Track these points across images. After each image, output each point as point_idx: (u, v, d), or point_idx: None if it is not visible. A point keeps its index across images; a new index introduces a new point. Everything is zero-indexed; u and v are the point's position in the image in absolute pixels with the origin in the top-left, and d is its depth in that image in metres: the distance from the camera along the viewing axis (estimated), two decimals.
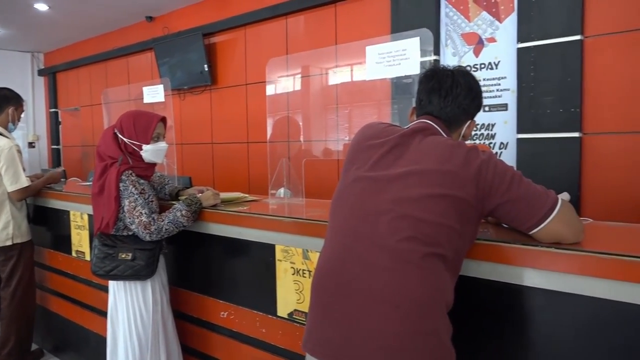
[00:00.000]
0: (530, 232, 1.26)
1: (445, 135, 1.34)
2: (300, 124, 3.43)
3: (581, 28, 2.71)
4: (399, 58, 1.71)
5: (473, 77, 1.40)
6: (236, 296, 2.06)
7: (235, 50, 4.71)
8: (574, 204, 2.88)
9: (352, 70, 3.19)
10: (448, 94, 1.34)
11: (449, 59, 3.28)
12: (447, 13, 3.27)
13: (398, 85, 2.63)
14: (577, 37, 2.72)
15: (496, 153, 3.10)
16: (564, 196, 1.44)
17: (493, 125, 3.12)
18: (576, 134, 2.75)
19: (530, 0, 2.87)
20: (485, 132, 3.15)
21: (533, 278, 1.28)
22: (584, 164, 2.76)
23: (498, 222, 1.51)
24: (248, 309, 2.00)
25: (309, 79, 3.65)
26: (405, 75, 1.72)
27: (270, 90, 2.86)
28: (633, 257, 1.13)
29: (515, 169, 1.23)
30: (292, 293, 1.82)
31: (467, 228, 1.21)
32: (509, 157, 3.02)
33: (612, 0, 2.63)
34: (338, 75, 3.53)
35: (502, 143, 3.09)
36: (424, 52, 1.69)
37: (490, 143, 3.13)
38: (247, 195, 2.34)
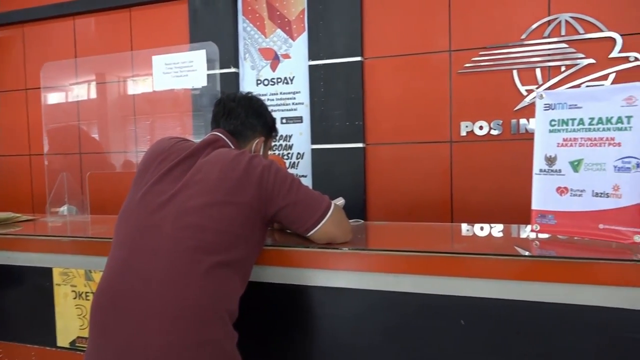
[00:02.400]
0: (308, 234, 1.36)
1: (233, 147, 1.38)
2: (96, 136, 3.17)
3: (361, 50, 3.05)
4: (186, 69, 1.70)
5: (256, 100, 1.53)
6: (5, 331, 1.79)
7: (11, 50, 4.12)
8: (360, 206, 3.18)
9: (152, 79, 3.06)
10: (231, 112, 1.46)
11: (247, 72, 3.37)
12: (245, 28, 3.37)
13: (198, 96, 2.61)
14: (358, 59, 3.05)
15: (293, 163, 3.29)
16: (339, 201, 1.60)
17: (290, 137, 3.30)
18: (360, 145, 3.07)
19: (319, 23, 3.13)
20: (284, 143, 3.32)
21: (313, 277, 1.39)
22: (367, 171, 3.10)
23: (282, 229, 1.60)
24: (21, 343, 1.76)
25: (105, 86, 3.39)
26: (193, 87, 1.72)
27: (50, 97, 2.57)
28: (392, 252, 1.30)
29: (295, 175, 1.34)
30: (74, 319, 1.66)
31: (253, 233, 1.26)
32: (305, 166, 3.24)
33: (384, 29, 3.02)
34: (138, 84, 3.35)
35: (299, 153, 3.29)
36: (222, 64, 1.71)
37: (288, 153, 3.31)
38: (20, 215, 2.06)
